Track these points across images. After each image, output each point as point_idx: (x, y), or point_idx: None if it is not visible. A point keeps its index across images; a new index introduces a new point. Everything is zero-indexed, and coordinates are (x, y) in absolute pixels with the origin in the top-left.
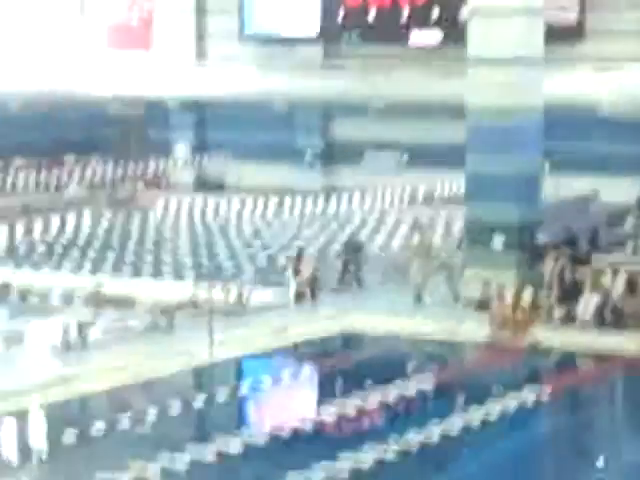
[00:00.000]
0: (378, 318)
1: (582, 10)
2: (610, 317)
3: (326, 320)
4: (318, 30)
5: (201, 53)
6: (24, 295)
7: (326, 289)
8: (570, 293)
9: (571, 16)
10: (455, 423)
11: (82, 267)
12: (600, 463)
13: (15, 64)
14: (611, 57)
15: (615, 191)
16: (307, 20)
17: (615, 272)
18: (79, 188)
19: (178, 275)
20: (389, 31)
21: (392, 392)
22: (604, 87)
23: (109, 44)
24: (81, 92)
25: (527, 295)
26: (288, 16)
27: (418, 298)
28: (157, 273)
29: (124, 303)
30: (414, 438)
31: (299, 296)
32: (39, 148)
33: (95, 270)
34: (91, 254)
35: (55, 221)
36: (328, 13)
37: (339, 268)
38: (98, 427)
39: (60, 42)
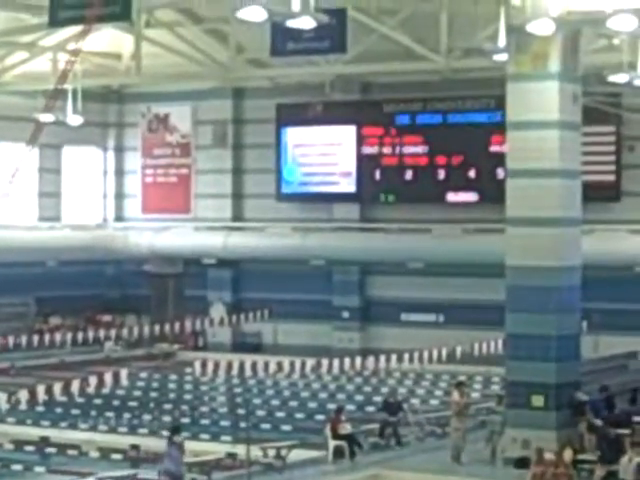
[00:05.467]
0: (415, 476)
1: (618, 171)
2: None
3: (364, 478)
4: (354, 189)
5: (238, 212)
6: (62, 450)
7: (365, 447)
8: (610, 453)
9: (608, 177)
10: None
11: (119, 425)
12: None
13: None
14: None
15: None
16: (344, 180)
17: None
18: (116, 347)
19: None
20: (426, 191)
21: None
22: None
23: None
24: (119, 248)
25: (567, 455)
26: (325, 175)
27: (456, 456)
28: (195, 431)
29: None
30: None
31: (337, 454)
32: (76, 305)
33: (132, 428)
34: (128, 412)
35: (92, 379)
36: (364, 173)
37: (378, 426)
38: None
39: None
